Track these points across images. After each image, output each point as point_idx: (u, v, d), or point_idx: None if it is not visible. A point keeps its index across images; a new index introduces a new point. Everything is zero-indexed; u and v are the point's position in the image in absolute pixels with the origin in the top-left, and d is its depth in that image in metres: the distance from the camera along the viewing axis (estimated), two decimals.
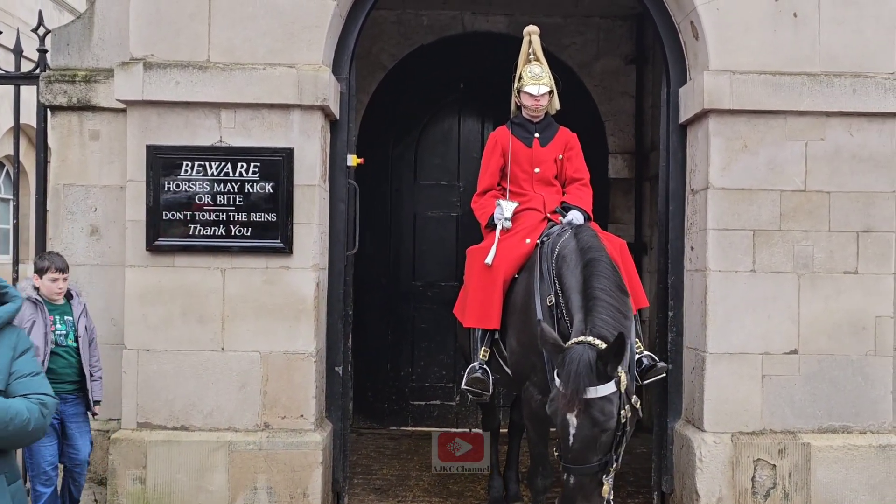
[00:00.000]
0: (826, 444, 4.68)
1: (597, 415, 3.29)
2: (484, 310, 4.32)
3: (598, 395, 3.31)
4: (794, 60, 4.73)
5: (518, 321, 4.18)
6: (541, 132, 4.64)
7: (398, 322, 7.31)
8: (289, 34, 4.69)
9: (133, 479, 4.60)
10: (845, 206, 4.74)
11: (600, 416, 3.30)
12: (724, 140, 4.73)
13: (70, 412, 4.23)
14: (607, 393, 3.33)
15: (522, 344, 4.13)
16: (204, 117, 4.69)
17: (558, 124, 4.74)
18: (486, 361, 4.35)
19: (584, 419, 3.29)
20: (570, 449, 3.31)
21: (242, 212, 4.69)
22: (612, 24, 7.32)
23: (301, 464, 4.63)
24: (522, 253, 4.31)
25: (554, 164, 4.65)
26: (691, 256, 4.98)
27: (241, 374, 4.69)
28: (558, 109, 4.76)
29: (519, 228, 4.45)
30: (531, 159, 4.60)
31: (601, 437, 3.32)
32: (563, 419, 3.32)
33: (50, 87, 4.86)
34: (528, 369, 4.11)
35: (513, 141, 4.61)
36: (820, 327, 4.73)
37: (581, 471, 3.31)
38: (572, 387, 3.31)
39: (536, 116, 4.64)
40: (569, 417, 3.30)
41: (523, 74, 4.61)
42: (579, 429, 3.28)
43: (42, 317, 4.13)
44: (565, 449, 3.33)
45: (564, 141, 4.66)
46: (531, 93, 4.56)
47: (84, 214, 4.89)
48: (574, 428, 3.29)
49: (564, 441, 3.33)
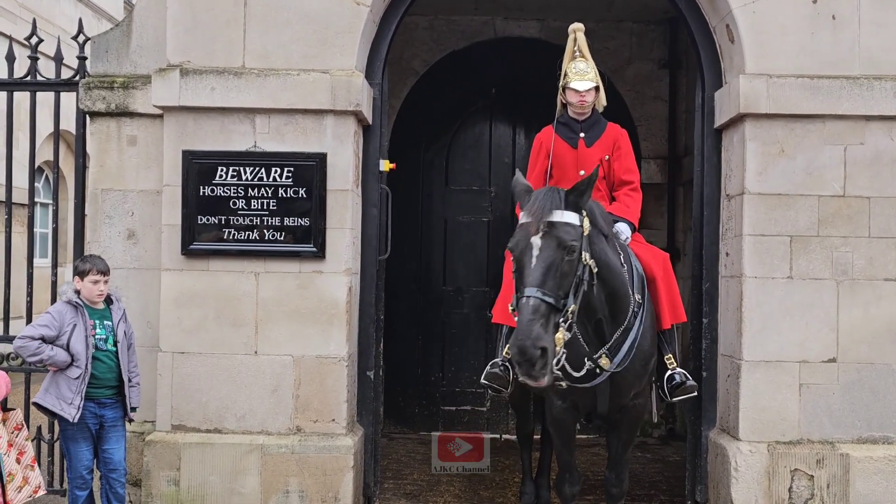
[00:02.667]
0: (866, 455, 4.58)
1: (562, 235, 3.29)
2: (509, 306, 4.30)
3: (563, 219, 3.33)
4: (833, 63, 4.65)
5: None
6: (586, 131, 4.47)
7: (429, 327, 7.31)
8: (322, 40, 4.73)
9: (167, 481, 4.66)
10: (886, 212, 4.64)
11: (566, 237, 3.29)
12: (761, 144, 4.66)
13: (109, 416, 4.25)
14: (571, 220, 3.35)
15: None
16: (239, 123, 4.74)
17: (607, 121, 4.58)
18: (508, 358, 4.33)
19: (548, 240, 3.27)
20: (532, 272, 3.23)
21: (276, 216, 4.73)
22: (644, 28, 7.27)
23: (332, 468, 4.65)
24: None
25: (600, 164, 4.43)
26: (726, 263, 4.92)
27: (273, 377, 4.72)
28: (605, 106, 4.60)
29: None
30: (576, 161, 4.45)
31: (563, 261, 3.27)
32: (527, 243, 3.29)
33: (89, 94, 4.95)
34: None
35: (556, 141, 4.46)
36: (859, 335, 4.63)
37: (539, 296, 3.18)
38: (538, 210, 3.32)
39: (582, 114, 4.48)
40: (533, 240, 3.28)
41: (568, 71, 4.45)
42: (543, 249, 3.26)
43: (82, 321, 4.17)
44: (525, 274, 3.25)
45: (613, 139, 4.49)
46: (576, 89, 4.40)
47: (121, 219, 4.96)
48: (538, 249, 3.26)
49: (526, 267, 3.26)
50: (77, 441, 4.20)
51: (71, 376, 4.13)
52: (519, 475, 5.26)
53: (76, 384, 4.12)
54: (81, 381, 4.13)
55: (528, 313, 3.16)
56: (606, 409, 3.97)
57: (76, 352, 4.12)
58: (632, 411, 4.06)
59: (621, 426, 4.10)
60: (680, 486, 5.33)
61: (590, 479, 5.54)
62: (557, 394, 4.00)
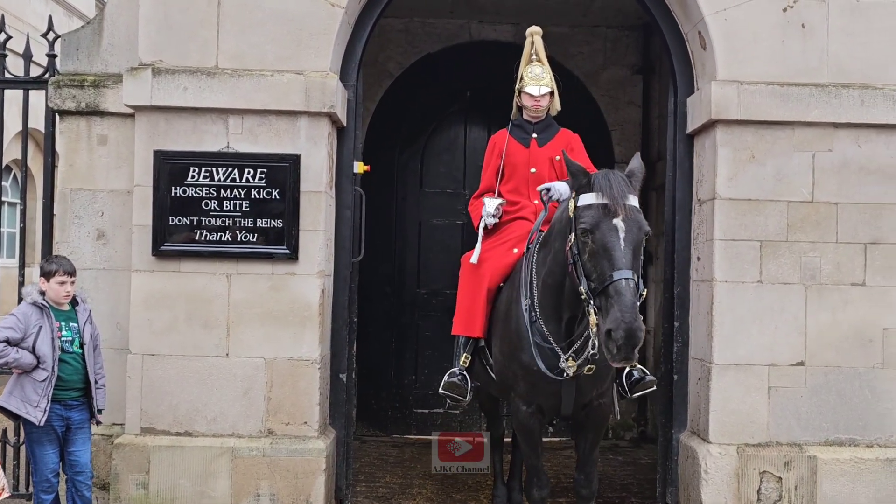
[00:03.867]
0: (833, 457, 4.65)
1: (640, 219, 3.44)
2: (469, 317, 4.33)
3: (636, 203, 3.48)
4: (803, 71, 4.72)
5: (501, 330, 4.18)
6: (539, 133, 4.59)
7: (402, 330, 7.30)
8: (297, 41, 4.71)
9: (136, 485, 4.60)
10: (853, 218, 4.72)
11: (643, 220, 3.44)
12: (732, 150, 4.72)
13: (76, 418, 4.20)
14: (637, 204, 3.50)
15: (504, 353, 4.14)
16: (211, 123, 4.70)
17: (560, 126, 4.68)
18: (465, 367, 4.35)
19: (630, 223, 3.39)
20: (623, 254, 3.32)
21: (248, 218, 4.70)
22: (619, 33, 7.33)
23: (304, 471, 4.62)
24: (509, 262, 4.31)
25: (551, 165, 4.54)
26: (698, 267, 4.97)
27: (245, 379, 4.68)
28: (559, 110, 4.70)
29: (508, 237, 4.44)
30: (528, 159, 4.55)
31: (642, 243, 3.42)
32: (611, 225, 3.37)
33: (59, 92, 4.88)
34: (511, 379, 4.10)
35: (510, 141, 4.58)
36: (827, 339, 4.71)
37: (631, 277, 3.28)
38: (616, 193, 3.42)
39: (536, 117, 4.59)
40: (616, 222, 3.37)
41: (524, 75, 4.58)
42: (628, 232, 3.37)
43: (48, 322, 4.11)
44: (615, 256, 3.31)
45: (565, 142, 4.57)
46: (531, 93, 4.53)
47: (91, 219, 4.90)
48: (624, 232, 3.36)
49: (614, 248, 3.33)
50: (42, 444, 4.14)
51: (37, 379, 4.06)
52: (491, 478, 5.27)
53: (42, 387, 4.06)
54: (48, 383, 4.07)
55: (630, 295, 3.25)
56: (570, 410, 3.99)
57: (42, 354, 4.06)
58: (597, 411, 4.08)
59: (588, 426, 4.12)
60: (651, 489, 5.37)
61: (562, 482, 5.56)
62: (522, 398, 4.02)
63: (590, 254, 3.40)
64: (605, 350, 3.28)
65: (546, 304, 3.85)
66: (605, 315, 3.28)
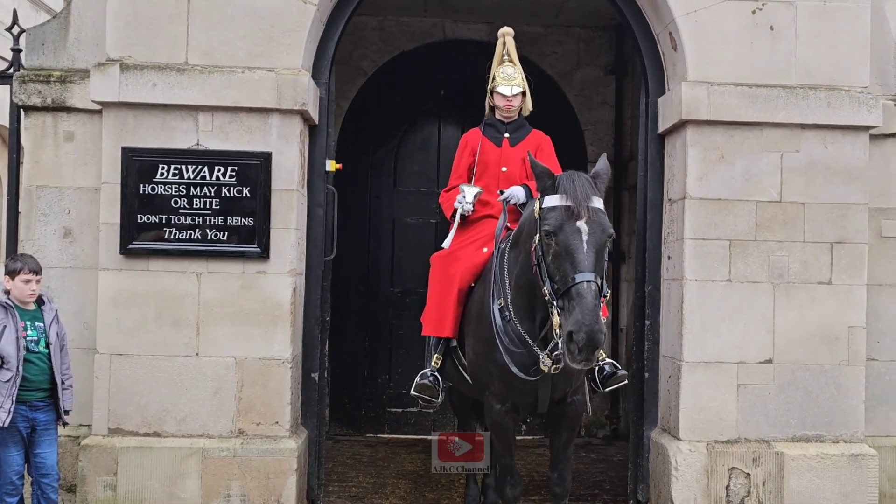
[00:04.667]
0: (799, 453, 4.72)
1: (605, 221, 3.45)
2: (439, 318, 4.33)
3: (600, 205, 3.50)
4: (771, 73, 4.78)
5: (474, 329, 4.18)
6: (511, 132, 4.62)
7: (376, 328, 7.27)
8: (268, 38, 4.67)
9: (103, 486, 4.54)
10: (819, 218, 4.79)
11: (607, 223, 3.45)
12: (702, 150, 4.77)
13: (41, 419, 4.13)
14: (601, 206, 3.51)
15: (478, 353, 4.14)
16: (181, 120, 4.65)
17: (532, 127, 4.71)
18: (437, 369, 4.35)
19: (594, 225, 3.40)
20: (586, 256, 3.33)
21: (219, 216, 4.65)
22: (592, 34, 7.37)
23: (275, 471, 4.58)
24: (479, 262, 4.32)
25: (522, 164, 4.56)
26: (668, 266, 5.01)
27: (215, 379, 4.64)
28: (531, 111, 4.74)
29: (477, 236, 4.45)
30: (500, 158, 4.58)
31: (606, 245, 3.42)
32: (574, 227, 3.39)
33: (24, 87, 4.79)
34: (485, 378, 4.11)
35: (483, 141, 4.61)
36: (794, 337, 4.77)
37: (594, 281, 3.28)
38: (581, 195, 3.44)
39: (509, 117, 4.63)
40: (580, 225, 3.39)
41: (496, 75, 4.62)
42: (591, 234, 3.38)
43: (13, 322, 4.04)
44: (578, 259, 3.33)
45: (537, 143, 4.62)
46: (503, 93, 4.56)
47: (57, 216, 4.82)
48: (587, 234, 3.38)
49: (577, 251, 3.34)
50: (7, 445, 4.07)
51: (1, 379, 4.00)
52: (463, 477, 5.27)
53: (7, 387, 3.99)
54: (12, 384, 4.00)
55: (592, 298, 3.26)
56: (546, 408, 4.00)
57: (7, 354, 3.99)
58: (570, 408, 4.10)
59: (562, 425, 4.14)
60: (623, 486, 5.41)
61: (535, 480, 5.58)
62: (497, 397, 4.03)
63: (553, 255, 3.42)
64: (566, 352, 3.30)
65: (519, 303, 3.86)
66: (566, 317, 3.31)
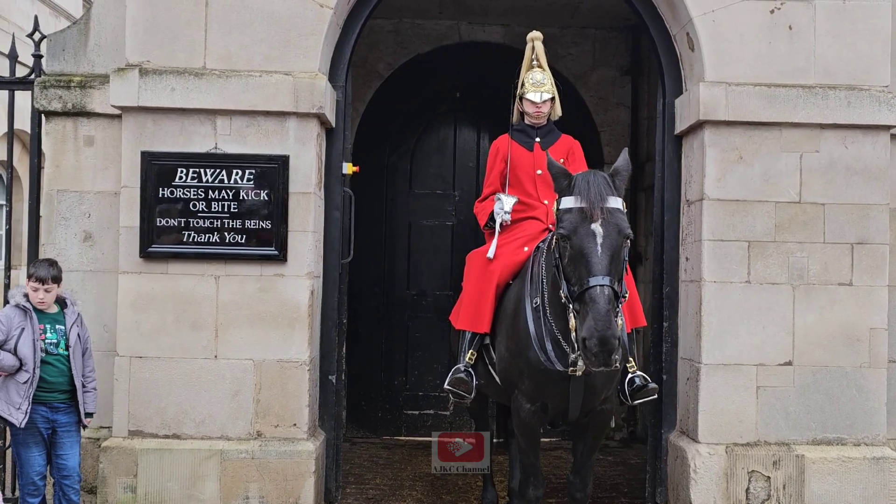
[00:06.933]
0: (820, 456, 4.67)
1: (621, 223, 3.39)
2: (476, 313, 4.30)
3: (617, 205, 3.43)
4: (790, 72, 4.75)
5: (508, 327, 4.16)
6: (542, 137, 4.58)
7: (392, 331, 7.28)
8: (285, 42, 4.69)
9: (123, 488, 4.57)
10: (840, 218, 4.75)
11: (623, 225, 3.39)
12: (720, 151, 4.74)
13: (62, 421, 4.17)
14: (619, 206, 3.44)
15: (511, 350, 4.12)
16: (199, 124, 4.68)
17: (560, 131, 4.68)
18: (471, 364, 4.33)
19: (609, 227, 3.35)
20: (600, 260, 3.30)
21: (237, 219, 4.68)
22: (607, 35, 7.35)
23: (293, 473, 4.60)
24: (519, 260, 4.30)
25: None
26: (686, 267, 4.98)
27: (233, 381, 4.66)
28: (560, 116, 4.70)
29: (519, 235, 4.43)
30: (533, 162, 4.54)
31: (623, 247, 3.38)
32: (589, 230, 3.35)
33: (45, 93, 4.84)
34: (515, 376, 4.09)
35: (513, 146, 4.57)
36: (814, 339, 4.73)
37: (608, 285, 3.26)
38: (595, 196, 3.38)
39: (538, 123, 4.59)
40: (594, 227, 3.34)
41: (525, 81, 4.56)
42: (606, 237, 3.34)
43: (31, 325, 4.07)
44: (592, 262, 3.30)
45: (567, 147, 4.60)
46: (533, 100, 4.51)
47: (77, 220, 4.86)
48: (601, 237, 3.33)
49: (591, 254, 3.31)
50: (28, 446, 4.12)
51: (19, 381, 4.05)
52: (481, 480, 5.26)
53: (24, 389, 4.05)
54: (30, 385, 4.05)
55: (605, 303, 3.24)
56: (577, 414, 3.97)
57: (24, 356, 4.04)
58: (599, 416, 4.08)
59: (588, 431, 4.12)
60: (641, 489, 5.38)
61: (552, 483, 5.56)
62: (527, 396, 4.01)
63: (569, 258, 3.41)
64: (583, 356, 3.32)
65: (555, 302, 3.85)
66: (580, 322, 3.31)
